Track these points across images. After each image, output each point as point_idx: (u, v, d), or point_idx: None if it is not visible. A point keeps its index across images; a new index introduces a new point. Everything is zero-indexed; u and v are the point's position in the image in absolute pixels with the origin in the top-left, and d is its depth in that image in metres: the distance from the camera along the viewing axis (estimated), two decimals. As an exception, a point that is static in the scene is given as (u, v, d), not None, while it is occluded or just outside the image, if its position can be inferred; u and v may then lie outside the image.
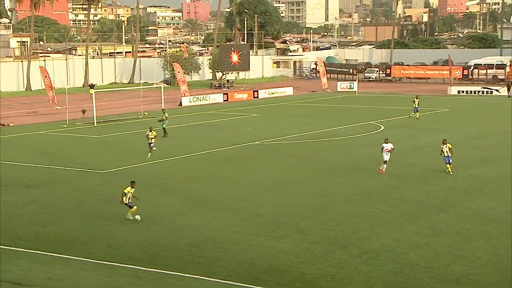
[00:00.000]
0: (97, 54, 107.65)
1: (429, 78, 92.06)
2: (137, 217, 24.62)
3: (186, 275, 19.33)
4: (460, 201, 27.07)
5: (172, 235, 23.26)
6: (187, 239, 22.66)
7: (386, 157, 32.16)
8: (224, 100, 72.87)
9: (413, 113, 52.79)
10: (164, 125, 45.13)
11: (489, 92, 73.31)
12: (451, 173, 31.95)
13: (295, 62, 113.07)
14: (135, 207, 24.59)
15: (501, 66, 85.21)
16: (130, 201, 24.60)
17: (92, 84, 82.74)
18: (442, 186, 29.66)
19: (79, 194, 29.54)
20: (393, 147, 32.65)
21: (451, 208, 26.03)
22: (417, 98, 53.58)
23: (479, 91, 73.05)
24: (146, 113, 58.18)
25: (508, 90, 70.42)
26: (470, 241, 21.67)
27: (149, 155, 37.41)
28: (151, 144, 37.96)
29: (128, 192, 24.52)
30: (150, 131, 38.02)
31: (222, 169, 34.79)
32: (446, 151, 31.99)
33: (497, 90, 73.48)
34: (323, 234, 22.85)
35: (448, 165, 32.01)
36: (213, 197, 28.77)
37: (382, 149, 32.40)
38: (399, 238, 22.24)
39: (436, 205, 26.46)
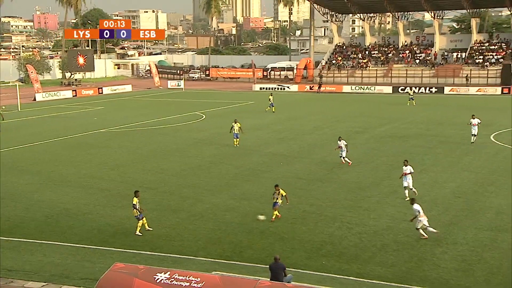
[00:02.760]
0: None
1: (238, 77, 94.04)
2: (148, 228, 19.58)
3: (42, 241, 18.33)
4: (263, 172, 28.02)
5: (30, 209, 21.88)
6: (43, 212, 21.45)
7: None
8: (73, 96, 69.87)
9: (268, 107, 51.26)
10: None
11: (282, 88, 76.54)
12: (237, 146, 33.95)
13: (132, 64, 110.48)
14: (144, 219, 19.25)
15: (290, 69, 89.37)
16: (140, 212, 19.14)
17: None
18: (250, 161, 30.53)
19: None
20: (346, 143, 28.82)
21: (257, 178, 26.89)
22: (271, 95, 52.76)
23: (275, 88, 75.99)
24: (4, 107, 53.89)
25: (319, 87, 73.28)
26: (270, 202, 22.49)
27: None
28: None
29: (137, 202, 19.07)
30: None
31: (73, 153, 33.24)
32: (237, 129, 34.30)
33: (288, 87, 76.92)
34: (159, 203, 22.67)
35: (235, 140, 34.31)
36: (65, 176, 27.42)
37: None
38: (218, 203, 22.62)
39: (246, 176, 27.22)
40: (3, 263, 16.55)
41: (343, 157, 28.93)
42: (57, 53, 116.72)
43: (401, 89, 71.04)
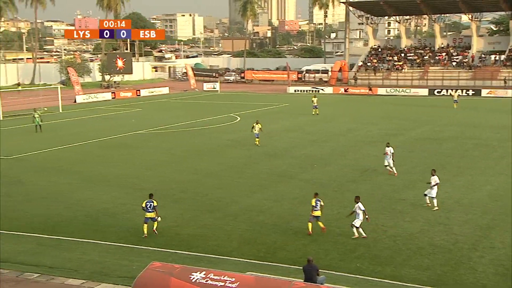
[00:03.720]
0: (1, 60, 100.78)
1: (273, 80, 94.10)
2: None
3: (82, 240, 18.68)
4: (297, 174, 27.94)
5: (70, 208, 22.31)
6: (83, 211, 21.85)
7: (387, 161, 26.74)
8: (112, 98, 71.04)
9: (314, 110, 50.88)
10: (36, 122, 42.11)
11: (317, 91, 76.17)
12: (258, 145, 34.41)
13: (169, 67, 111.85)
14: (158, 219, 19.24)
15: (325, 71, 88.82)
16: (157, 215, 19.23)
17: (19, 83, 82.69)
18: (283, 162, 30.49)
19: (-12, 178, 27.54)
20: (393, 151, 27.33)
21: (290, 179, 26.83)
22: (315, 97, 52.53)
23: (309, 90, 75.66)
24: (46, 109, 55.22)
25: (369, 89, 72.53)
26: (304, 203, 22.38)
27: None
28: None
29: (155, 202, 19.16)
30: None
31: (112, 153, 33.80)
32: (257, 129, 34.94)
33: (322, 89, 76.53)
34: (194, 203, 22.83)
35: (257, 139, 34.87)
36: (104, 176, 27.88)
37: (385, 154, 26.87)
38: (252, 203, 22.65)
39: (279, 178, 27.18)
40: (44, 260, 16.94)
41: (390, 167, 26.89)
42: (97, 56, 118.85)
43: (437, 92, 69.87)
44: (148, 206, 19.07)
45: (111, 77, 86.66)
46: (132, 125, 45.70)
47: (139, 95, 75.16)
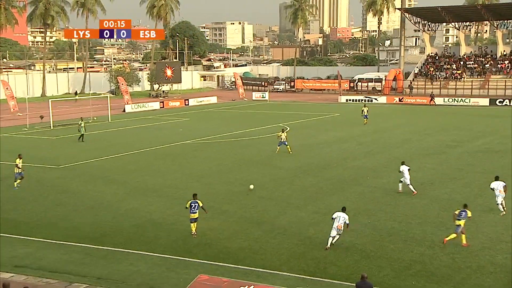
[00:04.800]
0: (53, 69, 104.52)
1: (324, 89, 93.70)
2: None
3: (130, 250, 19.02)
4: (348, 186, 27.66)
5: (117, 218, 22.79)
6: (130, 222, 22.28)
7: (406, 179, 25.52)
8: (161, 107, 72.18)
9: (365, 119, 50.94)
10: (81, 131, 43.06)
11: (370, 100, 75.31)
12: (290, 152, 35.34)
13: (218, 76, 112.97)
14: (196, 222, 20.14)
15: (379, 80, 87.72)
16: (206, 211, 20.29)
17: (76, 91, 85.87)
18: (335, 175, 30.24)
19: (39, 186, 28.50)
20: (409, 168, 26.02)
21: (342, 192, 26.58)
22: (365, 106, 52.49)
23: (362, 100, 74.82)
24: (95, 118, 56.80)
25: (431, 99, 70.90)
26: (356, 217, 22.15)
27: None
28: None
29: (200, 203, 20.11)
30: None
31: (159, 163, 34.36)
32: (283, 138, 35.92)
33: (375, 99, 75.63)
34: (241, 215, 22.91)
35: (281, 147, 35.93)
36: (151, 186, 28.36)
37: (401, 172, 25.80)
38: (302, 217, 22.54)
39: (330, 190, 26.97)
40: (92, 271, 17.34)
41: (408, 184, 25.55)
42: (146, 65, 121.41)
43: (499, 102, 67.85)
44: (192, 207, 19.89)
45: (159, 86, 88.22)
46: (179, 135, 46.34)
47: (187, 104, 76.21)
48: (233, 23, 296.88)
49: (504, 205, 22.20)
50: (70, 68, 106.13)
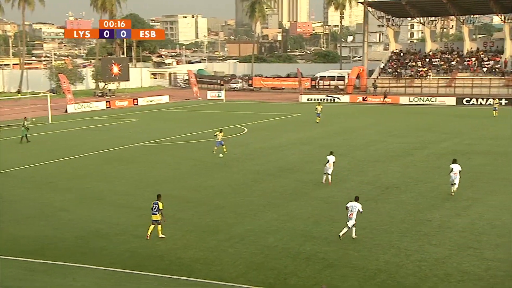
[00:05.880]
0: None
1: (283, 88, 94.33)
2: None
3: (74, 264, 18.70)
4: (310, 191, 27.90)
5: (60, 229, 22.38)
6: (73, 232, 21.92)
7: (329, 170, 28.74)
8: (107, 107, 71.44)
9: (318, 118, 53.17)
10: (24, 132, 42.78)
11: (332, 99, 76.22)
12: (226, 152, 36.72)
13: (170, 73, 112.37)
14: (163, 222, 21.00)
15: (341, 78, 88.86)
16: (163, 217, 20.93)
17: (19, 89, 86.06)
18: (296, 179, 30.45)
19: (-30, 195, 27.71)
20: (334, 161, 29.09)
21: (303, 197, 26.79)
22: (319, 105, 54.99)
23: (324, 99, 75.60)
24: (34, 119, 55.61)
25: (385, 97, 72.94)
26: (318, 224, 22.42)
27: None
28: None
29: (161, 205, 20.81)
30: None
31: (107, 168, 33.93)
32: (220, 137, 37.08)
33: (338, 98, 76.56)
34: (196, 223, 22.84)
35: (216, 147, 37.20)
36: (98, 193, 27.98)
37: (327, 161, 28.88)
38: (261, 224, 22.62)
39: (292, 195, 27.15)
40: (33, 287, 16.95)
41: (328, 174, 28.66)
42: (91, 61, 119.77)
43: (466, 101, 69.72)
44: (153, 208, 20.48)
45: (105, 84, 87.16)
46: (129, 137, 45.89)
47: (137, 104, 75.58)
48: (186, 17, 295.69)
49: (456, 187, 26.23)
50: (5, 65, 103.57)
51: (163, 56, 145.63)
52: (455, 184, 26.34)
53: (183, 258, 19.13)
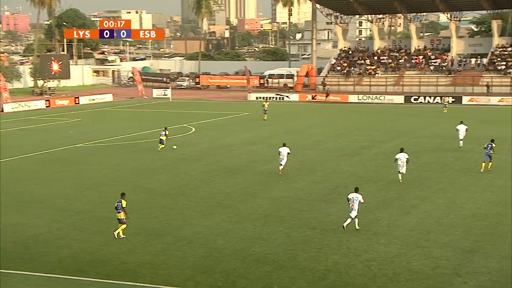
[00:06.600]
0: None
1: (230, 86, 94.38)
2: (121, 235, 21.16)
3: (11, 271, 18.21)
4: (259, 192, 27.97)
5: (-4, 235, 21.73)
6: (11, 238, 21.33)
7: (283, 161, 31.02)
8: (47, 106, 70.08)
9: (264, 115, 54.27)
10: None
11: (281, 98, 76.71)
12: (160, 150, 37.62)
13: (113, 71, 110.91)
14: (125, 221, 21.19)
15: (290, 76, 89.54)
16: (126, 216, 21.12)
17: None
18: (244, 179, 30.51)
19: None
20: (289, 152, 31.38)
21: (252, 198, 26.85)
22: (266, 102, 56.68)
23: (273, 97, 76.03)
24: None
25: (327, 96, 74.01)
26: (268, 225, 22.53)
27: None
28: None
29: (124, 203, 21.13)
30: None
31: (47, 170, 33.19)
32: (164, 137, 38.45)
33: (287, 96, 77.13)
34: (141, 226, 22.58)
35: (161, 145, 38.41)
36: (37, 196, 27.33)
37: (279, 153, 31.34)
38: (209, 226, 22.55)
39: (240, 196, 27.17)
40: (-35, 295, 16.44)
41: (281, 164, 30.85)
42: (28, 58, 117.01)
43: (414, 99, 71.35)
44: (117, 207, 20.74)
45: (45, 82, 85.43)
46: (70, 138, 45.05)
47: (78, 103, 74.39)
48: (129, 12, 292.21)
49: (403, 175, 28.67)
50: None
51: (106, 53, 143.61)
52: (402, 172, 28.69)
53: (127, 262, 18.88)
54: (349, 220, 21.40)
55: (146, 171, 32.83)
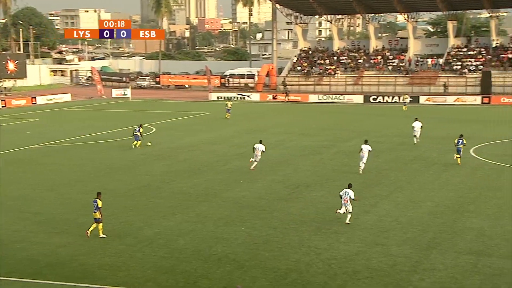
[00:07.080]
0: None
1: (187, 86, 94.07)
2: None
3: (-34, 276, 17.77)
4: (221, 191, 27.95)
5: (-49, 238, 21.18)
6: (-34, 241, 20.81)
7: (257, 158, 31.94)
8: (2, 106, 68.54)
9: (227, 114, 54.98)
10: None
11: (242, 97, 76.75)
12: (135, 148, 38.08)
13: (71, 70, 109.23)
14: (100, 221, 21.24)
15: (251, 76, 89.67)
16: (101, 216, 21.19)
17: None
18: (206, 179, 30.44)
19: None
20: (263, 150, 32.16)
21: (214, 198, 26.81)
22: (230, 101, 57.87)
23: (234, 97, 75.94)
24: None
25: (286, 95, 74.29)
26: (229, 225, 22.54)
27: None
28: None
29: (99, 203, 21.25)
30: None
31: (3, 172, 32.44)
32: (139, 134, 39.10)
33: (248, 96, 77.22)
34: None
35: (136, 142, 38.99)
36: (-7, 199, 26.71)
37: (254, 149, 32.13)
38: (170, 227, 22.45)
39: (201, 196, 27.11)
40: None
41: (256, 161, 31.72)
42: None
43: (373, 99, 72.25)
44: (94, 206, 21.00)
45: (0, 82, 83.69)
46: (26, 139, 44.23)
47: (35, 103, 73.05)
48: (88, 11, 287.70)
49: (363, 166, 30.53)
50: None
51: (63, 52, 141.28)
52: (363, 163, 30.61)
53: (86, 264, 18.65)
54: (343, 210, 22.33)
55: (106, 172, 32.46)
